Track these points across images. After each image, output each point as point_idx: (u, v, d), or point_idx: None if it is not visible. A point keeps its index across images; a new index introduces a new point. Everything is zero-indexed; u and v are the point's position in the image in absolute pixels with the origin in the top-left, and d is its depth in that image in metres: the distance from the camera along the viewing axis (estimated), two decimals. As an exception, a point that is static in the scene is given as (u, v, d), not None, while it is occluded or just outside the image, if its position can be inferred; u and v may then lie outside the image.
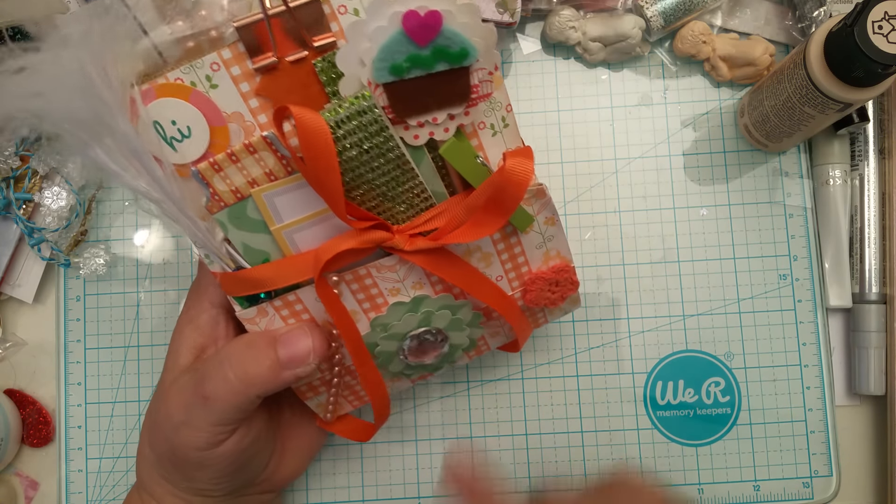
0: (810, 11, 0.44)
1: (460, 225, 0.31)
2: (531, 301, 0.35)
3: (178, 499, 0.35)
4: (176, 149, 0.29)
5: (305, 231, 0.31)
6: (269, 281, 0.31)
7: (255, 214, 0.31)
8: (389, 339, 0.34)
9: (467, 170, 0.31)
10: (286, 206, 0.30)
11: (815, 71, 0.36)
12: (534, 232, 0.34)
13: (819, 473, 0.44)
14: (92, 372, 0.45)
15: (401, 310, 0.34)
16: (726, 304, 0.45)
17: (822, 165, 0.45)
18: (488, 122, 0.31)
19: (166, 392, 0.34)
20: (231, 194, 0.30)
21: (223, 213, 0.30)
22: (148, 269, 0.46)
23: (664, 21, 0.44)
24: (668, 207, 0.45)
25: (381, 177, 0.30)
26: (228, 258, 0.31)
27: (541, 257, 0.35)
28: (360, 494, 0.44)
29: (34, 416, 0.45)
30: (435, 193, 0.31)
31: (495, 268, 0.34)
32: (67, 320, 0.45)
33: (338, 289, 0.32)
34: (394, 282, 0.33)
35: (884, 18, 0.33)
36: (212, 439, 0.32)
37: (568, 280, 0.35)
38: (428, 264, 0.31)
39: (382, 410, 0.36)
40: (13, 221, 0.45)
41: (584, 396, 0.45)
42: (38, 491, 0.45)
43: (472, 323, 0.35)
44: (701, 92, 0.46)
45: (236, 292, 0.32)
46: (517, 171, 0.29)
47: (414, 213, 0.32)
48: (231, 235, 0.31)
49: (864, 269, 0.44)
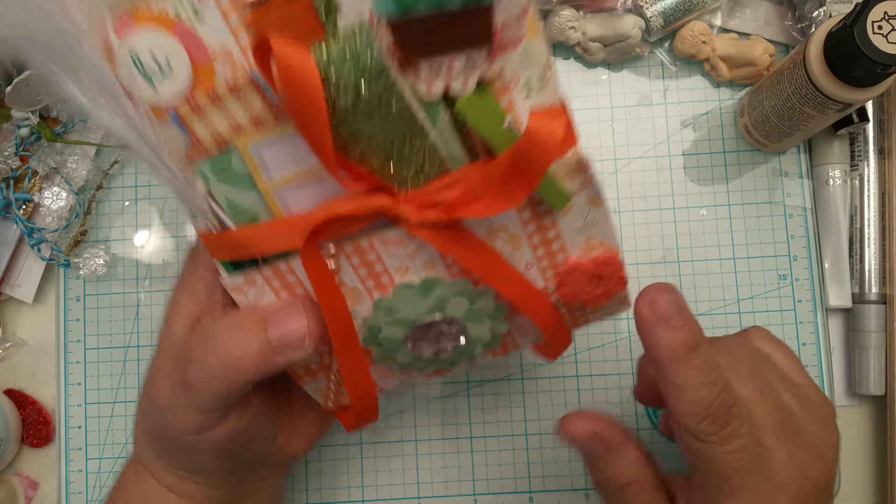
0: (810, 11, 0.44)
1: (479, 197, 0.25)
2: (567, 297, 0.30)
3: (175, 475, 0.33)
4: (155, 87, 0.25)
5: (300, 192, 0.27)
6: (255, 245, 0.27)
7: (241, 168, 0.26)
8: (395, 324, 0.29)
9: (489, 132, 0.25)
10: (276, 159, 0.26)
11: (815, 71, 0.36)
12: (573, 214, 0.28)
13: (819, 473, 0.44)
14: (92, 372, 0.45)
15: (409, 293, 0.29)
16: (726, 304, 0.45)
17: (822, 165, 0.45)
18: (522, 78, 0.25)
19: (156, 372, 0.31)
20: (213, 142, 0.26)
21: (205, 163, 0.26)
22: (148, 269, 0.46)
23: (664, 21, 0.44)
24: (667, 207, 0.45)
25: (385, 132, 0.25)
26: (212, 215, 0.28)
27: (581, 245, 0.29)
28: (360, 494, 0.44)
29: (34, 416, 0.45)
30: (452, 158, 0.26)
31: (524, 253, 0.28)
32: (67, 320, 0.45)
33: (335, 262, 0.28)
34: (402, 259, 0.28)
35: (884, 18, 0.33)
36: (200, 424, 0.29)
37: (614, 275, 0.29)
38: (439, 242, 0.26)
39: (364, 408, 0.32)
40: (13, 221, 0.45)
41: (584, 396, 0.45)
42: (38, 491, 0.45)
43: (494, 315, 0.30)
44: (701, 92, 0.46)
45: (221, 255, 0.28)
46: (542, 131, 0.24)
47: (425, 179, 0.26)
48: (214, 189, 0.27)
49: (863, 269, 0.44)
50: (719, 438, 0.26)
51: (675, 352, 0.26)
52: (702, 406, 0.26)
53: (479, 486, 0.44)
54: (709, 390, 0.26)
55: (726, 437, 0.26)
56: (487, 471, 0.44)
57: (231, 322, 0.28)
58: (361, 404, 0.32)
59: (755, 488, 0.26)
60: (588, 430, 0.30)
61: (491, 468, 0.44)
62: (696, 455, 0.27)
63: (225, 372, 0.28)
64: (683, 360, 0.26)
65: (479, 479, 0.44)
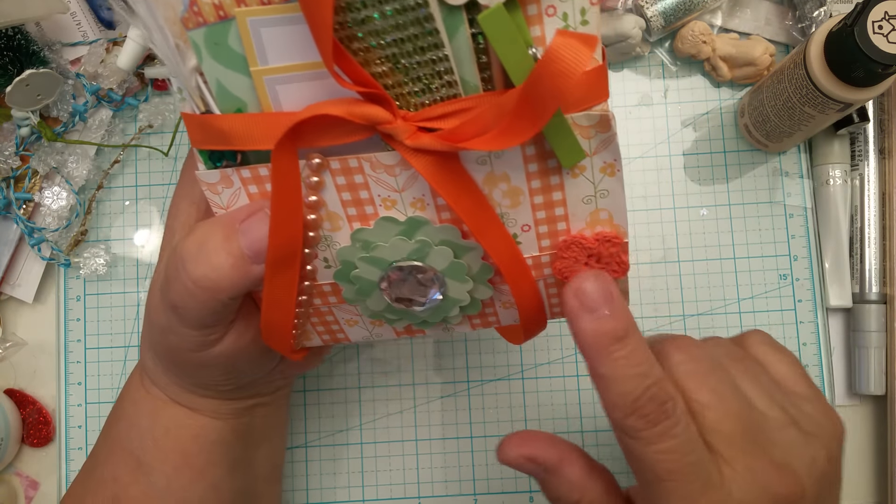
0: (810, 11, 0.44)
1: (487, 131, 0.23)
2: (559, 272, 0.27)
3: (185, 390, 0.32)
4: None
5: (293, 85, 0.24)
6: (237, 137, 0.25)
7: (237, 46, 0.24)
8: (371, 262, 0.27)
9: (510, 56, 0.22)
10: (275, 43, 0.24)
11: (815, 71, 0.36)
12: (584, 177, 0.25)
13: (819, 473, 0.44)
14: (92, 372, 0.45)
15: (391, 229, 0.26)
16: (726, 304, 0.45)
17: (822, 165, 0.45)
18: (560, 9, 0.22)
19: (152, 288, 0.29)
20: (213, 9, 0.23)
21: (199, 31, 0.24)
22: (148, 269, 0.46)
23: (664, 21, 0.44)
24: (668, 207, 0.45)
25: (393, 30, 0.22)
26: (198, 95, 0.25)
27: (586, 216, 0.26)
28: (360, 494, 0.44)
29: (34, 416, 0.45)
30: (464, 82, 0.23)
31: (523, 212, 0.26)
32: (67, 320, 0.45)
33: (319, 176, 0.25)
34: (390, 189, 0.26)
35: (884, 18, 0.33)
36: (202, 341, 0.28)
37: (615, 257, 0.26)
38: (433, 176, 0.24)
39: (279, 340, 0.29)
40: (13, 221, 0.45)
41: (584, 396, 0.45)
42: (38, 491, 0.45)
43: (478, 277, 0.27)
44: (701, 92, 0.46)
45: (200, 143, 0.26)
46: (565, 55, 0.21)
47: (431, 98, 0.24)
48: (205, 66, 0.24)
49: (864, 269, 0.44)
50: (649, 435, 0.24)
51: (599, 341, 0.24)
52: (629, 399, 0.24)
53: (480, 485, 0.44)
54: (636, 382, 0.24)
55: (657, 434, 0.24)
56: (487, 471, 0.44)
57: (200, 236, 0.26)
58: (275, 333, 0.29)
59: (694, 496, 0.24)
60: (521, 455, 0.28)
61: (491, 468, 0.44)
62: (627, 453, 0.25)
63: (203, 291, 0.26)
64: (608, 350, 0.24)
65: (479, 478, 0.44)
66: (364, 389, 0.45)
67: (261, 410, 0.35)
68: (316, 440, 0.45)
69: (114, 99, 0.45)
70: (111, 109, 0.46)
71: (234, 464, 0.34)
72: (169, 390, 0.32)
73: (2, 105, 0.44)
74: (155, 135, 0.46)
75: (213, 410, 0.33)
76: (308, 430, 0.45)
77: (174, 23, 0.24)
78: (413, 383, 0.45)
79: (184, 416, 0.32)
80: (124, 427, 0.33)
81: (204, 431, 0.33)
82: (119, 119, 0.46)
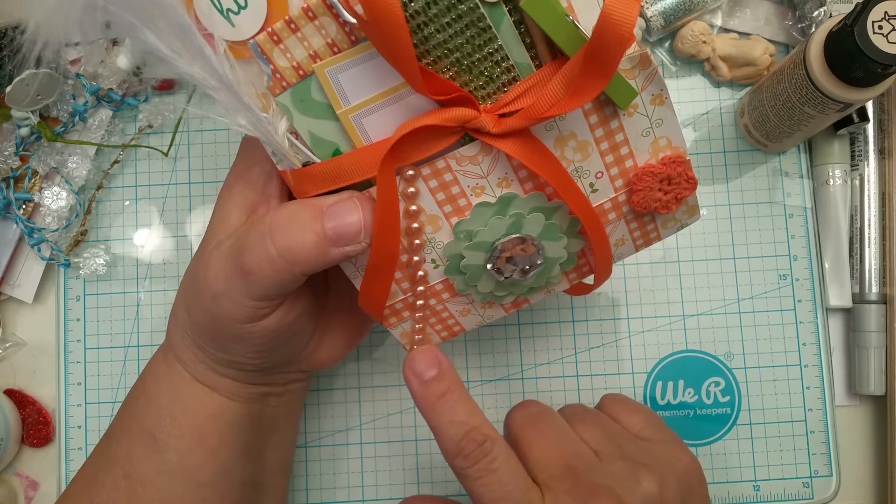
0: (810, 11, 0.44)
1: (558, 100, 0.26)
2: (638, 204, 0.30)
3: (207, 367, 0.33)
4: (233, 22, 0.26)
5: (376, 115, 0.27)
6: (344, 174, 0.28)
7: (320, 96, 0.27)
8: (475, 248, 0.30)
9: (555, 29, 0.25)
10: (353, 83, 0.27)
11: (815, 71, 0.36)
12: (638, 114, 0.28)
13: (819, 473, 0.44)
14: (92, 372, 0.45)
15: (486, 212, 0.29)
16: (726, 304, 0.45)
17: (822, 165, 0.45)
18: None
19: (208, 257, 0.31)
20: (293, 71, 0.26)
21: (286, 94, 0.27)
22: (148, 269, 0.46)
23: (664, 21, 0.44)
24: (668, 207, 0.45)
25: (454, 38, 0.25)
26: (293, 154, 0.28)
27: (648, 147, 0.29)
28: (360, 494, 0.44)
29: (34, 416, 0.45)
30: (519, 66, 0.26)
31: (594, 161, 0.29)
32: (67, 320, 0.45)
33: (414, 186, 0.28)
34: (477, 177, 0.28)
35: (884, 18, 0.33)
36: (253, 314, 0.30)
37: (683, 176, 0.29)
38: (518, 152, 0.27)
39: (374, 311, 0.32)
40: (13, 221, 0.45)
41: (584, 396, 0.45)
42: (38, 491, 0.45)
43: (568, 231, 0.30)
44: (701, 92, 0.46)
45: (308, 191, 0.29)
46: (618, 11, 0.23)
47: (495, 87, 0.27)
48: (297, 123, 0.28)
49: (864, 269, 0.44)
50: (473, 472, 0.28)
51: (426, 399, 0.30)
52: (453, 443, 0.29)
53: (480, 485, 0.44)
54: (457, 429, 0.29)
55: (479, 470, 0.28)
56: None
57: (290, 212, 0.29)
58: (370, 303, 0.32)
59: None
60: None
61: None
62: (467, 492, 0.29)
63: (283, 262, 0.28)
64: (433, 405, 0.30)
65: (479, 478, 0.44)
66: (364, 389, 0.45)
67: (272, 400, 0.36)
68: (316, 440, 0.45)
69: (114, 99, 0.45)
70: (111, 109, 0.46)
71: (246, 449, 0.35)
72: (192, 367, 0.33)
73: (2, 105, 0.44)
74: (155, 135, 0.46)
75: (230, 392, 0.34)
76: (308, 430, 0.45)
77: (258, 97, 0.27)
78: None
79: (203, 394, 0.33)
80: (143, 403, 0.34)
81: (221, 411, 0.33)
82: (119, 119, 0.46)
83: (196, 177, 0.46)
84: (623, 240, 0.32)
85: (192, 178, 0.46)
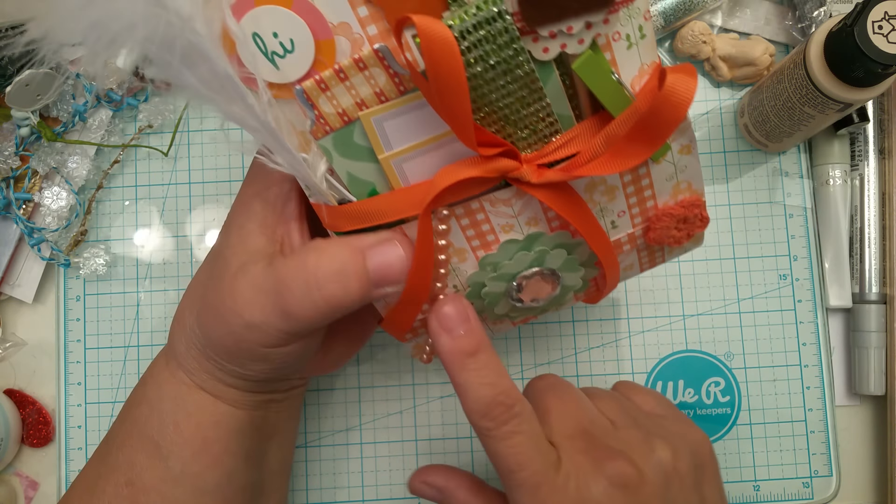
0: (810, 11, 0.44)
1: (597, 156, 0.26)
2: (653, 240, 0.32)
3: (213, 378, 0.33)
4: (278, 66, 0.25)
5: (415, 160, 0.28)
6: (380, 214, 0.28)
7: (362, 141, 0.27)
8: (498, 279, 0.31)
9: (602, 89, 0.26)
10: (396, 131, 0.27)
11: (815, 71, 0.36)
12: (666, 161, 0.29)
13: (819, 473, 0.44)
14: (92, 372, 0.45)
15: (513, 248, 0.30)
16: (726, 304, 0.45)
17: (822, 165, 0.45)
18: (623, 32, 0.26)
19: (233, 281, 0.30)
20: (338, 117, 0.27)
21: (328, 138, 0.27)
22: (148, 269, 0.46)
23: (664, 21, 0.44)
24: (668, 207, 0.45)
25: (506, 97, 0.26)
26: (330, 193, 0.28)
27: (669, 190, 0.31)
28: (360, 494, 0.44)
29: (34, 416, 0.45)
30: (560, 117, 0.27)
31: (619, 202, 0.30)
32: (67, 320, 0.45)
33: (446, 224, 0.29)
34: (507, 217, 0.29)
35: (884, 18, 0.33)
36: (285, 342, 0.30)
37: (697, 216, 0.31)
38: (553, 201, 0.28)
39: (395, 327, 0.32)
40: (13, 221, 0.45)
41: (584, 396, 0.45)
42: (38, 491, 0.45)
43: (587, 263, 0.32)
44: (701, 92, 0.46)
45: (341, 227, 0.29)
46: (678, 89, 0.24)
47: (536, 139, 0.27)
48: (336, 164, 0.28)
49: (864, 269, 0.44)
50: (500, 434, 0.28)
51: (455, 356, 0.29)
52: (482, 404, 0.28)
53: (480, 485, 0.44)
54: (487, 390, 0.29)
55: (506, 432, 0.28)
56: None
57: (337, 261, 0.29)
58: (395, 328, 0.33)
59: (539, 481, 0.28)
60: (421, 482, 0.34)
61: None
62: (487, 452, 0.29)
63: (327, 308, 0.29)
64: (462, 363, 0.29)
65: (479, 478, 0.44)
66: (364, 389, 0.45)
67: (274, 406, 0.36)
68: (316, 440, 0.45)
69: (114, 99, 0.45)
70: (111, 109, 0.46)
71: (248, 455, 0.35)
72: (196, 376, 0.33)
73: (2, 105, 0.44)
74: (155, 135, 0.46)
75: (234, 400, 0.33)
76: (308, 430, 0.45)
77: (298, 137, 0.27)
78: (413, 383, 0.45)
79: (207, 402, 0.33)
80: (145, 410, 0.34)
81: (225, 419, 0.33)
82: (119, 119, 0.46)
83: (196, 177, 0.46)
84: (632, 265, 0.34)
85: (192, 178, 0.46)
